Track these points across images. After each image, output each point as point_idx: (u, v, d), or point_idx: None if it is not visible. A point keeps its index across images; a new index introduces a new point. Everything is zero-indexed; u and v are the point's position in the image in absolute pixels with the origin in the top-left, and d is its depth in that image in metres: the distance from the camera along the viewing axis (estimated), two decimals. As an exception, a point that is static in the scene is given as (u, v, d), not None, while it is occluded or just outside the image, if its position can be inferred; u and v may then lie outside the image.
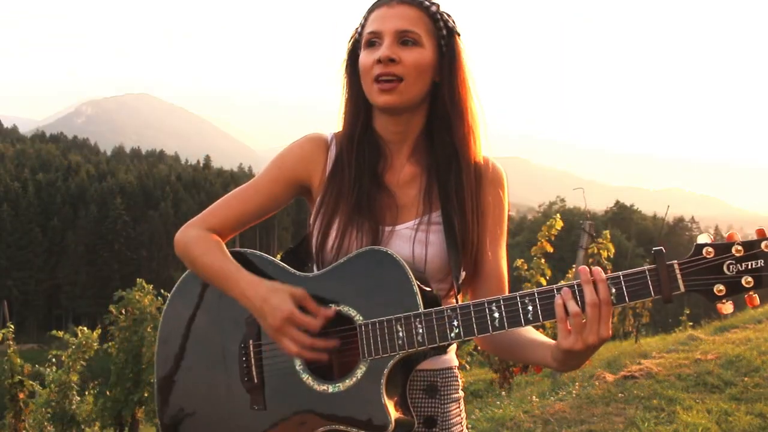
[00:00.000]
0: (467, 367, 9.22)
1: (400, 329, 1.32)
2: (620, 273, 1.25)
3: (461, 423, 1.52)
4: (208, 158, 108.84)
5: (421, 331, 1.31)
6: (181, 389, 1.53)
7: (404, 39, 1.42)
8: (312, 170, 1.54)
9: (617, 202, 78.23)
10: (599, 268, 1.25)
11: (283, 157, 1.55)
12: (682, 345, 6.71)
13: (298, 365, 1.40)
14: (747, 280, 1.19)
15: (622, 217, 70.70)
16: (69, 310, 69.50)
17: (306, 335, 1.35)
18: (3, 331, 8.20)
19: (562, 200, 78.19)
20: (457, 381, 1.53)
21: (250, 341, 1.45)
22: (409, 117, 1.48)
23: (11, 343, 8.12)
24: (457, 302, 1.42)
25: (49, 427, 7.89)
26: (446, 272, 1.45)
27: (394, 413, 1.32)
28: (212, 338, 1.49)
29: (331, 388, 1.36)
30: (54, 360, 8.26)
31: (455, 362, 1.53)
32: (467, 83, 1.49)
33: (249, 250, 1.52)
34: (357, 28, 1.52)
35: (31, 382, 8.13)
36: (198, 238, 1.51)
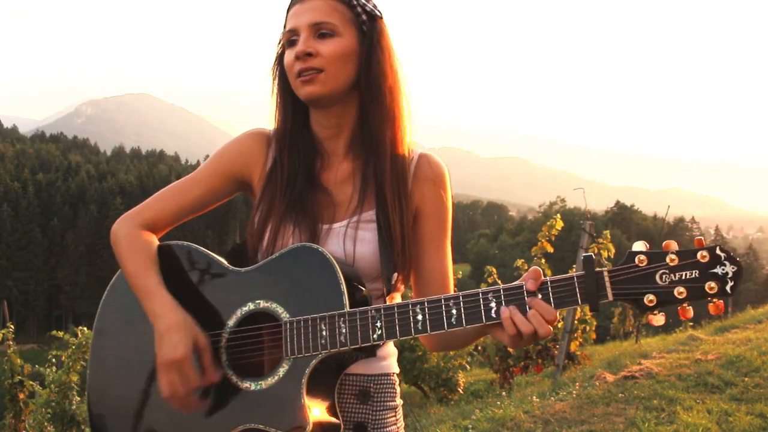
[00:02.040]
0: (467, 367, 9.24)
1: (324, 328, 1.29)
2: (548, 279, 1.22)
3: None
4: (207, 158, 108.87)
5: (344, 331, 1.28)
6: (110, 382, 1.50)
7: (320, 31, 1.39)
8: (252, 166, 1.52)
9: (617, 202, 78.27)
10: (532, 280, 1.22)
11: (223, 151, 1.54)
12: (682, 345, 6.70)
13: (224, 361, 1.37)
14: (679, 291, 1.15)
15: (622, 217, 70.73)
16: (69, 310, 69.50)
17: (184, 387, 1.30)
18: (3, 331, 8.19)
19: (563, 200, 78.19)
20: (394, 389, 1.48)
21: None
22: (341, 109, 1.45)
23: (11, 343, 8.11)
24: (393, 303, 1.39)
25: (49, 428, 7.88)
26: (379, 271, 1.41)
27: (316, 415, 1.29)
28: (143, 332, 1.44)
29: (253, 386, 1.33)
30: (54, 360, 8.23)
31: (394, 369, 1.49)
32: (386, 67, 1.44)
33: (184, 243, 1.49)
34: (282, 30, 1.48)
35: (31, 382, 8.11)
36: (127, 238, 1.46)
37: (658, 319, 1.17)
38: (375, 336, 1.27)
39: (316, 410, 1.30)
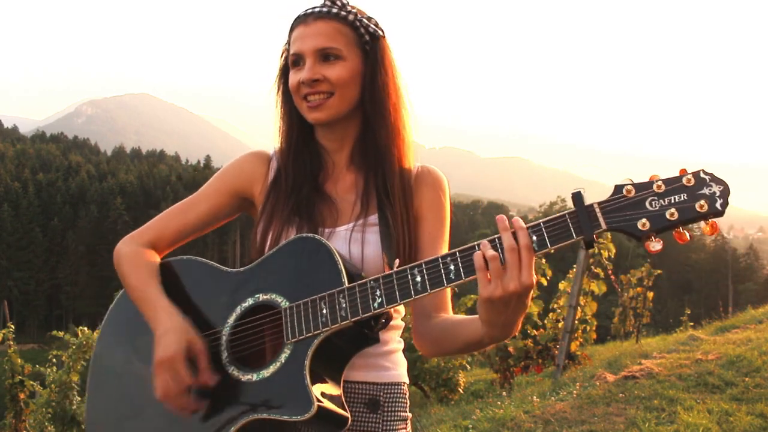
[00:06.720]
0: (468, 367, 9.23)
1: (324, 307, 1.29)
2: (540, 220, 1.22)
3: None
4: (208, 158, 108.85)
5: (344, 305, 1.28)
6: (109, 392, 1.53)
7: (325, 55, 1.42)
8: (253, 182, 1.56)
9: (618, 202, 78.16)
10: (518, 218, 1.22)
11: (225, 171, 1.59)
12: (682, 345, 6.71)
13: (225, 358, 1.38)
14: (671, 213, 1.14)
15: (622, 217, 70.68)
16: (69, 310, 69.51)
17: (176, 386, 1.31)
18: (3, 331, 8.20)
19: (563, 200, 78.18)
20: (405, 399, 1.47)
21: None
22: (344, 126, 1.50)
23: (11, 343, 8.12)
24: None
25: (49, 428, 7.88)
26: (383, 272, 1.40)
27: (323, 404, 1.26)
28: (145, 344, 1.45)
29: (255, 377, 1.33)
30: (54, 360, 8.25)
31: (404, 379, 1.48)
32: (390, 86, 1.48)
33: (185, 257, 1.53)
34: (285, 45, 1.51)
35: (31, 382, 8.12)
36: (129, 255, 1.51)
37: (655, 245, 1.17)
38: (375, 305, 1.26)
39: (323, 399, 1.27)
